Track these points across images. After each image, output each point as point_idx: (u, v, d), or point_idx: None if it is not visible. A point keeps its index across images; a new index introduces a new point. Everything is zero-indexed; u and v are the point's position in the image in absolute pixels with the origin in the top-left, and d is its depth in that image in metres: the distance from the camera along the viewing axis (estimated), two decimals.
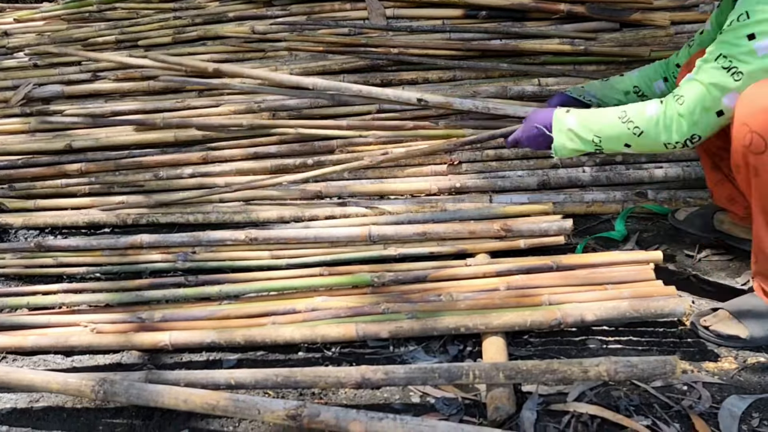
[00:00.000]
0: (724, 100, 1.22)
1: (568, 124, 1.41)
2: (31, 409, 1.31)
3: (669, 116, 1.28)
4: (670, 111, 1.28)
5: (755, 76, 1.18)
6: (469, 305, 1.41)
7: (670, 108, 1.28)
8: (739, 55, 1.18)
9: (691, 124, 1.26)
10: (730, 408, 1.18)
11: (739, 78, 1.19)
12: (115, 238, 1.80)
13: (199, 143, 2.21)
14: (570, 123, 1.41)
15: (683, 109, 1.26)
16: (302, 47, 2.39)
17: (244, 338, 1.38)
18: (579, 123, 1.40)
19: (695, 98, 1.24)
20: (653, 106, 1.31)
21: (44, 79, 2.55)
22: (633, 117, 1.33)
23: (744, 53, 1.17)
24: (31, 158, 2.26)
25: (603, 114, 1.38)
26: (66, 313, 1.58)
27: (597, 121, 1.38)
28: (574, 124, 1.40)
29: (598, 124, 1.38)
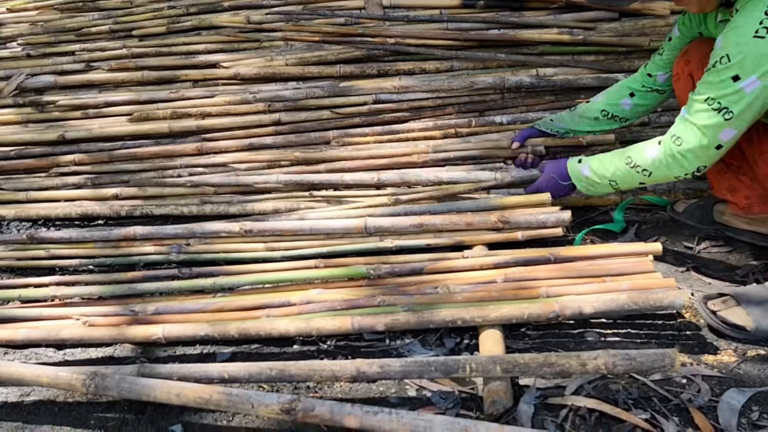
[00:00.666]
0: (720, 136, 1.30)
1: (584, 173, 1.56)
2: (21, 403, 1.29)
3: (671, 156, 1.37)
4: (670, 152, 1.37)
5: (746, 111, 1.26)
6: (466, 298, 1.40)
7: (669, 149, 1.37)
8: (727, 96, 1.26)
9: (694, 160, 1.35)
10: (730, 401, 1.17)
11: (730, 116, 1.27)
12: (108, 230, 1.78)
13: (193, 134, 2.19)
14: (585, 172, 1.56)
15: (683, 149, 1.35)
16: (298, 37, 2.36)
17: (238, 331, 1.36)
18: (593, 172, 1.54)
19: (693, 140, 1.33)
20: (653, 150, 1.41)
21: (37, 70, 2.52)
22: (637, 161, 1.44)
23: (732, 94, 1.25)
24: (24, 149, 2.23)
25: (610, 162, 1.51)
26: (58, 306, 1.56)
27: (608, 168, 1.51)
28: (589, 173, 1.55)
29: (609, 172, 1.50)
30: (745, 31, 1.21)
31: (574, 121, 1.84)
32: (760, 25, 1.19)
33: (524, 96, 2.15)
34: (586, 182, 1.56)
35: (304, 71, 2.26)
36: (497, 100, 2.15)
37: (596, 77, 2.10)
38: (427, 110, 2.15)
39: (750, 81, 1.22)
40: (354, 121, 2.15)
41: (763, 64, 1.20)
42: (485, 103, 2.14)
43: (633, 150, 1.46)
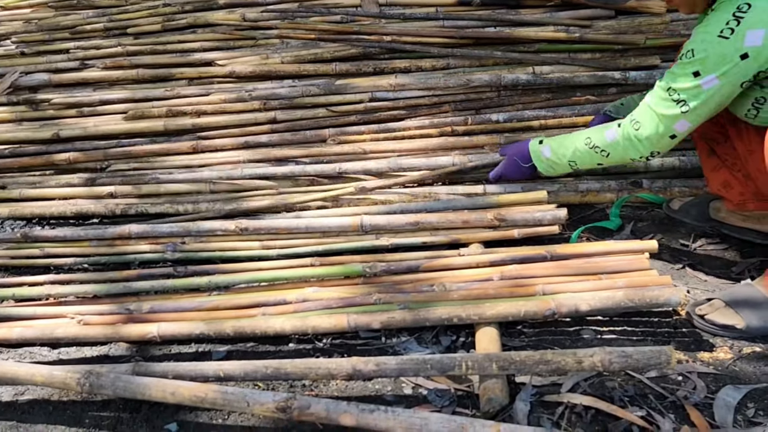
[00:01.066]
0: (675, 126, 1.34)
1: (545, 154, 1.58)
2: (16, 402, 1.29)
3: (627, 139, 1.41)
4: (628, 134, 1.41)
5: (701, 107, 1.29)
6: (462, 295, 1.39)
7: (626, 132, 1.41)
8: (686, 90, 1.29)
9: (648, 145, 1.39)
10: (726, 398, 1.17)
11: (686, 110, 1.31)
12: (102, 228, 1.77)
13: (189, 132, 2.18)
14: (546, 153, 1.58)
15: (640, 133, 1.39)
16: (294, 35, 2.35)
17: (233, 329, 1.36)
18: (553, 153, 1.56)
19: (649, 127, 1.37)
20: (612, 132, 1.45)
21: (31, 68, 2.50)
22: (597, 142, 1.47)
23: (691, 89, 1.28)
24: (18, 148, 2.22)
25: (572, 141, 1.52)
26: (53, 305, 1.55)
27: (568, 148, 1.53)
28: (549, 154, 1.57)
29: (569, 151, 1.52)
30: (712, 30, 1.23)
31: None
32: (726, 25, 1.21)
33: (521, 94, 2.14)
34: (547, 163, 1.58)
35: (299, 69, 2.25)
36: (493, 98, 2.14)
37: (592, 75, 2.09)
38: (423, 108, 2.14)
39: (708, 79, 1.25)
40: (350, 119, 2.14)
41: (723, 65, 1.23)
42: (481, 101, 2.14)
43: (592, 131, 1.49)
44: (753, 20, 1.19)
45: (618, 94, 2.11)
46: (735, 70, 1.23)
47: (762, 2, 1.19)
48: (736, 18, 1.20)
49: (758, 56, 1.21)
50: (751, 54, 1.20)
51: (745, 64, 1.22)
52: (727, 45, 1.21)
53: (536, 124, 2.06)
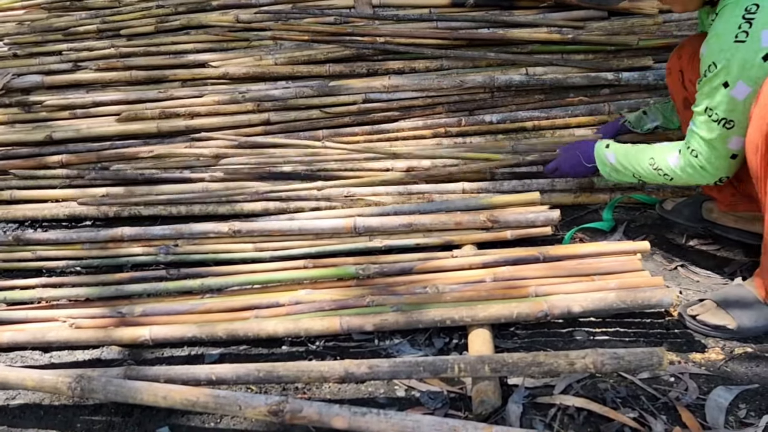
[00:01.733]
0: (730, 146, 1.29)
1: (609, 159, 1.54)
2: (7, 406, 1.28)
3: (690, 167, 1.36)
4: (689, 162, 1.35)
5: (744, 117, 1.23)
6: (455, 297, 1.39)
7: (688, 160, 1.36)
8: (722, 106, 1.24)
9: (714, 171, 1.34)
10: (717, 399, 1.17)
11: (731, 125, 1.25)
12: (95, 231, 1.77)
13: (182, 134, 2.18)
14: (611, 159, 1.53)
15: (699, 162, 1.34)
16: (287, 36, 2.35)
17: (226, 332, 1.35)
18: (618, 161, 1.52)
19: (705, 153, 1.32)
20: (674, 157, 1.39)
21: (24, 69, 2.49)
22: (660, 165, 1.42)
23: (726, 103, 1.23)
24: (11, 150, 2.21)
25: (635, 157, 1.47)
26: (44, 308, 1.54)
27: (631, 163, 1.48)
28: (614, 161, 1.52)
29: (632, 166, 1.48)
30: (726, 38, 1.20)
31: (667, 116, 1.81)
32: (739, 29, 1.18)
33: (514, 95, 2.15)
34: (611, 168, 1.54)
35: (293, 70, 2.25)
36: (487, 99, 2.15)
37: (585, 76, 2.10)
38: (416, 109, 2.15)
39: (739, 87, 1.21)
40: (344, 121, 2.14)
41: (748, 69, 1.18)
42: (475, 102, 2.14)
43: (656, 151, 1.44)
44: (765, 19, 1.16)
45: (611, 95, 2.11)
46: (761, 72, 1.18)
47: None
48: (747, 20, 1.17)
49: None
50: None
51: None
52: (745, 49, 1.18)
53: (529, 125, 2.06)
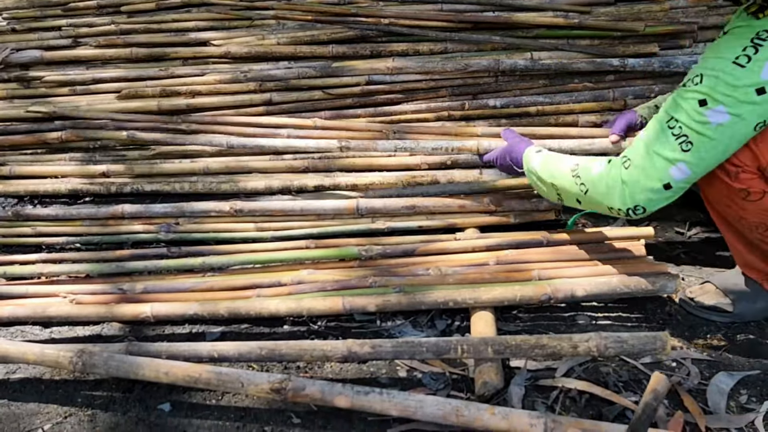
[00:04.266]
0: (672, 170, 1.12)
1: (534, 165, 1.37)
2: (7, 380, 1.28)
3: (613, 179, 1.19)
4: (614, 174, 1.19)
5: (706, 148, 1.10)
6: (458, 279, 1.39)
7: (614, 170, 1.19)
8: (690, 123, 1.09)
9: (635, 193, 1.17)
10: (719, 384, 1.17)
11: (688, 148, 1.10)
12: (95, 207, 1.76)
13: (182, 112, 2.15)
14: (535, 164, 1.37)
15: (627, 175, 1.17)
16: (290, 16, 2.32)
17: (227, 311, 1.35)
18: (542, 166, 1.35)
19: (642, 164, 1.15)
20: (600, 165, 1.23)
21: (23, 44, 2.46)
22: (581, 172, 1.25)
23: (696, 121, 1.09)
24: (10, 125, 2.19)
25: (560, 162, 1.32)
26: (45, 284, 1.54)
27: (557, 167, 1.32)
28: (538, 166, 1.36)
29: (556, 171, 1.31)
30: (726, 55, 1.07)
31: None
32: (743, 51, 1.05)
33: (518, 79, 2.13)
34: (535, 176, 1.38)
35: (296, 51, 2.23)
36: (491, 83, 2.13)
37: (591, 61, 2.08)
38: (420, 92, 2.13)
39: (717, 111, 1.07)
40: (346, 102, 2.12)
41: (735, 95, 1.05)
42: (479, 86, 2.12)
43: (584, 159, 1.29)
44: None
45: (616, 81, 2.10)
46: (749, 107, 1.05)
47: None
48: (754, 45, 1.04)
49: None
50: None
51: (760, 100, 1.05)
52: (741, 74, 1.04)
53: (533, 110, 2.05)
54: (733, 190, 1.17)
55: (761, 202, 1.16)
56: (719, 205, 1.25)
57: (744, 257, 1.31)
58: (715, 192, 1.22)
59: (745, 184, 1.15)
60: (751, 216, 1.19)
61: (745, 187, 1.15)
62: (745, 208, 1.19)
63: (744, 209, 1.19)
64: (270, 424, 1.14)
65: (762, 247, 1.25)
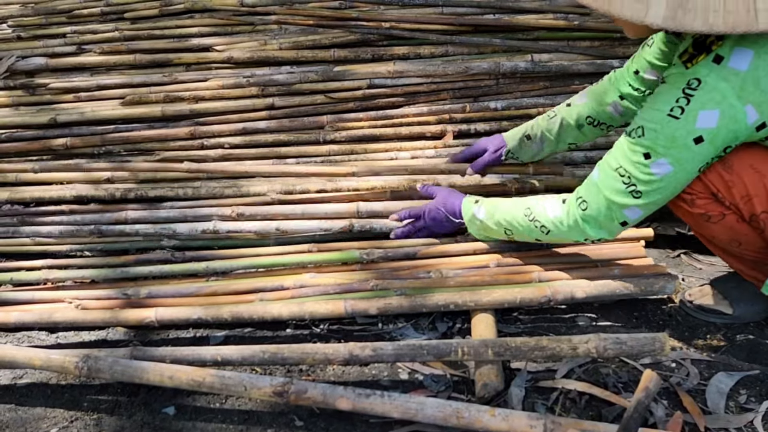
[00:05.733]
0: (626, 212, 1.19)
1: (478, 215, 1.41)
2: (14, 385, 1.29)
3: (573, 219, 1.25)
4: (573, 214, 1.25)
5: (654, 195, 1.15)
6: (459, 282, 1.40)
7: (572, 211, 1.25)
8: (638, 176, 1.13)
9: (597, 229, 1.24)
10: (718, 385, 1.18)
11: (638, 196, 1.15)
12: (100, 213, 1.77)
13: (186, 118, 2.17)
14: (480, 215, 1.41)
15: (586, 215, 1.23)
16: (292, 21, 2.33)
17: (231, 315, 1.36)
18: (488, 216, 1.39)
19: (597, 209, 1.21)
20: (555, 208, 1.28)
21: (28, 52, 2.49)
22: (538, 216, 1.30)
23: (643, 174, 1.13)
24: (15, 132, 2.21)
25: (508, 210, 1.36)
26: (50, 289, 1.55)
27: (505, 215, 1.36)
28: (484, 216, 1.40)
29: (505, 220, 1.36)
30: (661, 107, 1.09)
31: (556, 136, 1.58)
32: (676, 103, 1.07)
33: (519, 81, 2.14)
34: (480, 226, 1.42)
35: (298, 55, 2.24)
36: (492, 86, 2.14)
37: (591, 63, 2.09)
38: (421, 95, 2.14)
39: (660, 163, 1.10)
40: (348, 106, 2.14)
41: (675, 148, 1.08)
42: (480, 89, 2.14)
43: (532, 202, 1.33)
44: (704, 99, 1.04)
45: None
46: (688, 155, 1.09)
47: (712, 79, 1.04)
48: (686, 96, 1.06)
49: (713, 140, 1.07)
50: (706, 137, 1.07)
51: (699, 148, 1.08)
52: (677, 126, 1.07)
53: (534, 112, 2.06)
54: (694, 215, 1.21)
55: (724, 222, 1.19)
56: (693, 226, 1.29)
57: (733, 265, 1.33)
58: (681, 215, 1.26)
59: (703, 209, 1.19)
60: (719, 235, 1.22)
61: (703, 212, 1.19)
62: (712, 230, 1.22)
63: (711, 231, 1.23)
64: (273, 426, 1.15)
65: (746, 258, 1.26)
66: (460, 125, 2.05)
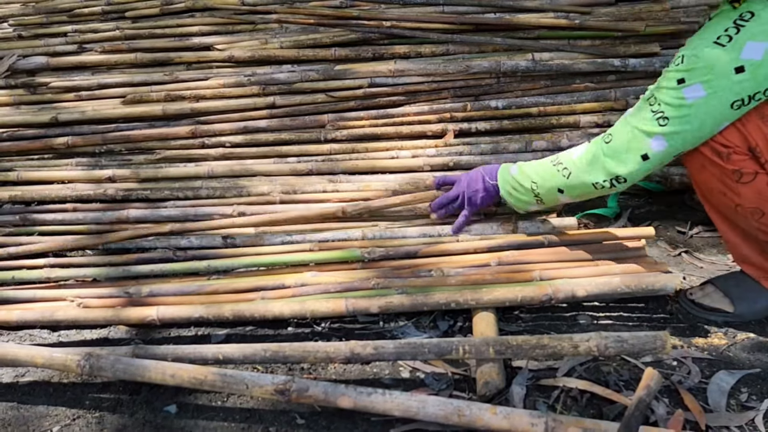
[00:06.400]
0: (650, 143, 1.19)
1: (512, 172, 1.44)
2: (16, 383, 1.30)
3: (594, 154, 1.27)
4: (596, 149, 1.27)
5: (682, 124, 1.15)
6: (460, 281, 1.40)
7: (596, 146, 1.27)
8: (667, 100, 1.15)
9: (616, 164, 1.24)
10: (719, 383, 1.18)
11: (664, 123, 1.16)
12: (101, 212, 1.78)
13: (187, 117, 2.18)
14: (513, 171, 1.44)
15: (609, 148, 1.24)
16: (293, 20, 2.34)
17: (232, 313, 1.36)
18: (520, 171, 1.43)
19: (622, 138, 1.22)
20: (581, 148, 1.32)
21: (29, 51, 2.49)
22: (563, 159, 1.34)
23: (673, 98, 1.14)
24: (17, 131, 2.22)
25: (539, 164, 1.40)
26: (52, 288, 1.56)
27: (534, 167, 1.39)
28: (516, 172, 1.43)
29: (534, 170, 1.39)
30: (708, 36, 1.11)
31: None
32: (724, 32, 1.09)
33: (520, 80, 2.14)
34: (510, 184, 1.44)
35: (299, 54, 2.24)
36: (493, 85, 2.14)
37: (592, 62, 2.09)
38: (422, 94, 2.14)
39: (693, 88, 1.11)
40: (349, 105, 2.14)
41: (712, 74, 1.09)
42: (481, 88, 2.14)
43: (563, 152, 1.37)
44: (755, 30, 1.06)
45: (617, 81, 2.11)
46: (726, 84, 1.09)
47: (767, 13, 1.07)
48: (736, 26, 1.08)
49: (756, 73, 1.07)
50: (748, 68, 1.07)
51: (738, 79, 1.08)
52: (721, 53, 1.08)
53: (535, 111, 2.06)
54: (726, 173, 1.20)
55: (754, 183, 1.18)
56: (714, 196, 1.27)
57: (740, 251, 1.32)
58: (708, 179, 1.24)
59: (738, 165, 1.18)
60: (746, 201, 1.21)
61: (737, 168, 1.18)
62: (740, 193, 1.21)
63: (739, 194, 1.21)
64: (274, 424, 1.15)
65: (760, 237, 1.26)
66: (461, 124, 2.06)
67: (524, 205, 1.46)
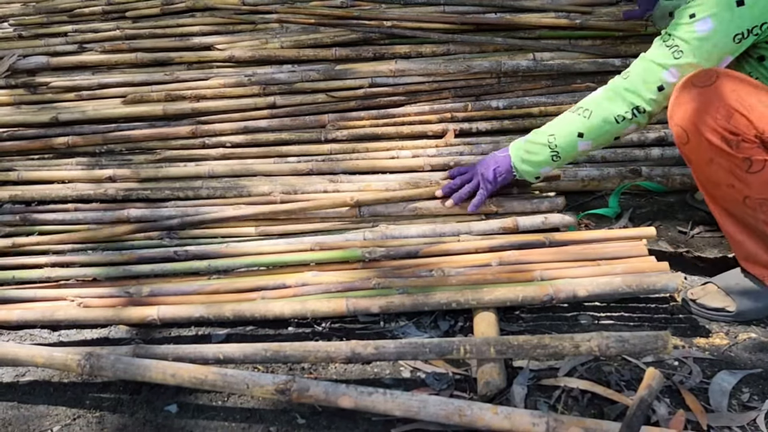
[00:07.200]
0: (665, 74, 1.30)
1: (523, 138, 1.52)
2: (17, 383, 1.29)
3: (614, 89, 1.37)
4: (614, 85, 1.37)
5: (693, 53, 1.26)
6: (461, 280, 1.40)
7: (614, 83, 1.38)
8: (681, 34, 1.27)
9: (634, 95, 1.34)
10: (721, 383, 1.18)
11: (679, 56, 1.28)
12: (101, 212, 1.77)
13: (188, 117, 2.18)
14: (525, 137, 1.52)
15: (627, 83, 1.35)
16: (293, 19, 2.34)
17: (233, 313, 1.36)
18: (533, 133, 1.50)
19: (639, 72, 1.34)
20: (599, 89, 1.42)
21: (29, 50, 2.49)
22: (582, 103, 1.42)
23: (685, 32, 1.26)
24: (17, 131, 2.21)
25: (555, 118, 1.48)
26: (53, 287, 1.55)
27: (549, 124, 1.47)
28: (529, 135, 1.51)
29: (549, 126, 1.47)
30: None
31: None
32: None
33: (521, 80, 2.14)
34: (524, 149, 1.49)
35: (299, 54, 2.25)
36: (494, 85, 2.14)
37: (593, 62, 2.09)
38: (423, 94, 2.14)
39: (703, 21, 1.24)
40: (350, 105, 2.14)
41: (717, 7, 1.21)
42: (482, 87, 2.14)
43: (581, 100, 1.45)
44: None
45: None
46: (728, 15, 1.22)
47: None
48: None
49: (753, 6, 1.21)
50: (747, 2, 1.20)
51: (740, 12, 1.21)
52: None
53: (536, 111, 2.06)
54: (735, 163, 1.21)
55: (764, 172, 1.21)
56: (720, 190, 1.28)
57: (745, 249, 1.32)
58: (716, 172, 1.25)
59: (747, 153, 1.20)
60: (755, 192, 1.23)
61: (747, 156, 1.20)
62: (749, 183, 1.22)
63: (748, 185, 1.22)
64: (275, 424, 1.15)
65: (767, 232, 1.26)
66: (462, 124, 2.06)
67: (537, 168, 1.51)
